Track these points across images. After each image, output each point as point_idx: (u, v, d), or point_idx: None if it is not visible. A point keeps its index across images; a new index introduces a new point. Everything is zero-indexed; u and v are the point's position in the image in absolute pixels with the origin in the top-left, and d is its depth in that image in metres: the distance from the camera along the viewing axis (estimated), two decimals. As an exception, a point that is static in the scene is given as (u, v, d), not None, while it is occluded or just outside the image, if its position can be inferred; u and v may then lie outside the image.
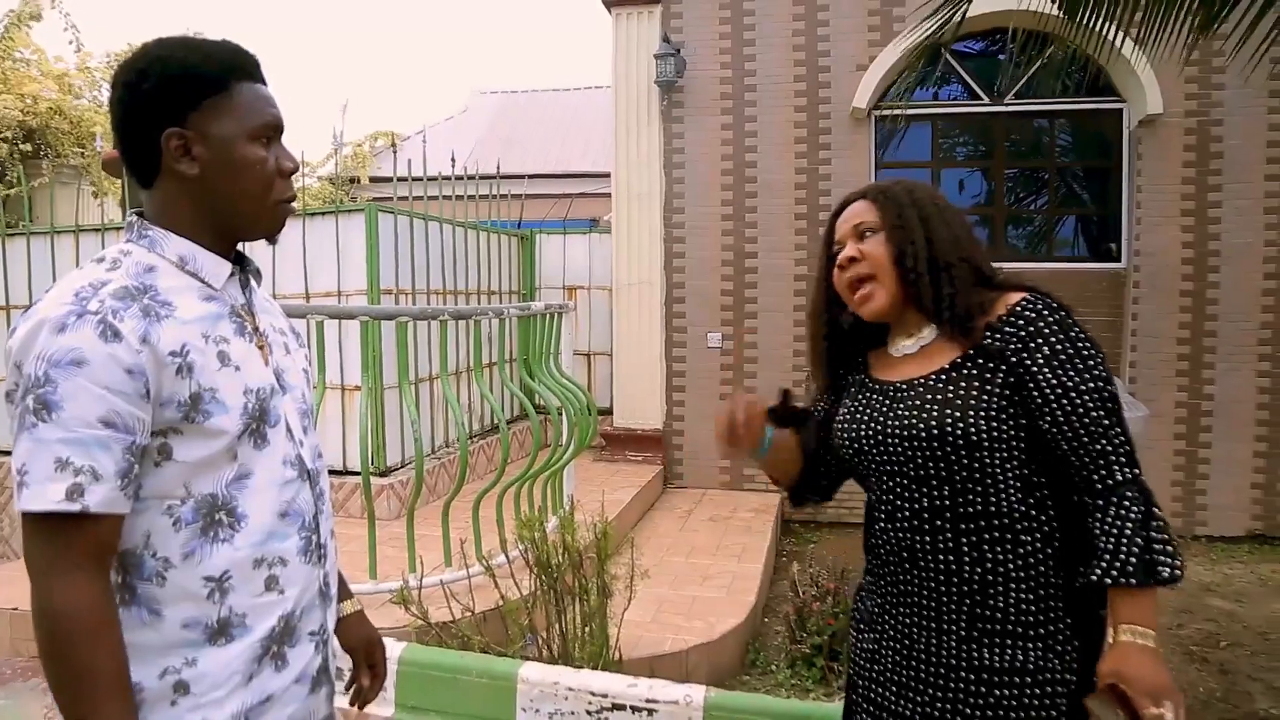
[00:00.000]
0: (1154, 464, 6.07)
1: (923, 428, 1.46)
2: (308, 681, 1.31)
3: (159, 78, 1.19)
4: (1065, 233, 6.86)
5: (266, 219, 1.28)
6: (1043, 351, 1.42)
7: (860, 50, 6.47)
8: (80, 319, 1.08)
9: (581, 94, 14.97)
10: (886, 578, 1.56)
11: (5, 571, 4.86)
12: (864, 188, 1.63)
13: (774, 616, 4.68)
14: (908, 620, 1.52)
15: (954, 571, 1.46)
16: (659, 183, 6.90)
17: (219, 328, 1.22)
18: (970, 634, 1.44)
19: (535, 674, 2.50)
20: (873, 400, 1.59)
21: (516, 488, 4.13)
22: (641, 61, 6.86)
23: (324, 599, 1.35)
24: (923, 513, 1.49)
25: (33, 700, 3.79)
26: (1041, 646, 1.42)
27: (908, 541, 1.51)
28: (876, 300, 1.55)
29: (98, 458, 1.07)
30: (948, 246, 1.51)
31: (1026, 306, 1.46)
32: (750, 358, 6.78)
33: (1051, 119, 6.72)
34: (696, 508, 6.35)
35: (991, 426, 1.42)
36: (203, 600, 1.17)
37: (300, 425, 1.33)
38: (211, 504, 1.18)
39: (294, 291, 5.37)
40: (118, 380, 1.08)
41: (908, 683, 1.51)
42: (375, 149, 12.99)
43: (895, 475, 1.52)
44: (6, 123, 9.27)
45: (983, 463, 1.43)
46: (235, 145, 1.22)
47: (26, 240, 6.08)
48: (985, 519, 1.44)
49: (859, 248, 1.56)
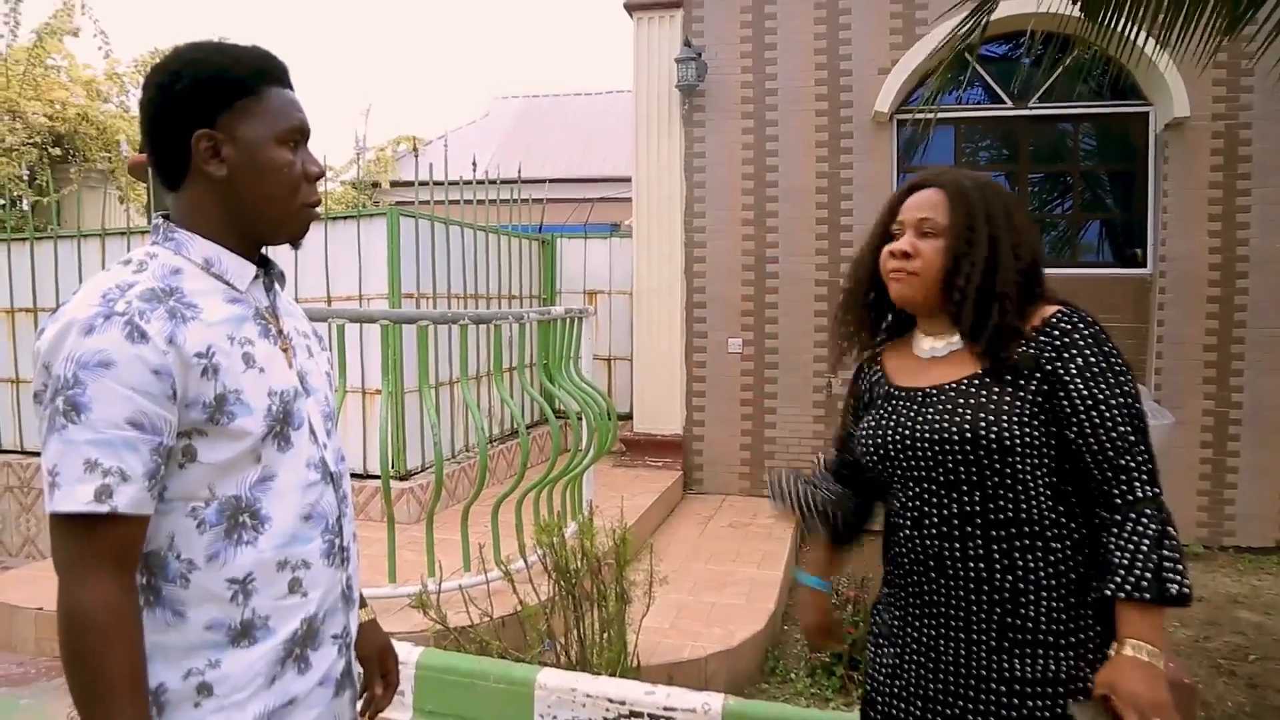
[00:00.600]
0: (1180, 473, 5.99)
1: (955, 431, 1.44)
2: (331, 684, 1.31)
3: (191, 79, 1.20)
4: (1089, 238, 6.79)
5: (292, 222, 1.29)
6: (1076, 362, 1.42)
7: (882, 54, 6.44)
8: (108, 320, 1.09)
9: (602, 98, 15.01)
10: (910, 588, 1.54)
11: (30, 571, 4.91)
12: (942, 174, 1.57)
13: (794, 624, 4.65)
14: (933, 631, 1.49)
15: (984, 579, 1.44)
16: (680, 187, 6.89)
17: (244, 330, 1.22)
18: (1001, 644, 1.42)
19: (553, 680, 2.50)
20: (899, 407, 1.57)
21: (536, 493, 4.13)
22: (662, 66, 6.85)
23: (346, 602, 1.35)
24: (952, 519, 1.47)
25: (56, 700, 3.82)
26: (1073, 655, 1.40)
27: (935, 549, 1.48)
28: (909, 289, 1.54)
29: (126, 459, 1.08)
30: (1007, 273, 1.48)
31: (1062, 319, 1.45)
32: (771, 363, 6.76)
33: (1075, 123, 6.66)
34: (716, 514, 6.33)
35: (1025, 432, 1.41)
36: (226, 602, 1.18)
37: (323, 428, 1.33)
38: (235, 506, 1.18)
39: (316, 295, 5.40)
40: (145, 381, 1.09)
41: (935, 696, 1.48)
42: (397, 153, 13.07)
43: (923, 480, 1.50)
44: (36, 128, 9.39)
45: (1015, 468, 1.42)
46: (263, 148, 1.23)
47: (54, 244, 6.16)
48: (1016, 525, 1.43)
49: (916, 244, 1.53)
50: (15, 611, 4.28)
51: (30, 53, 9.81)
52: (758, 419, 6.80)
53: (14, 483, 6.14)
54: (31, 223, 6.60)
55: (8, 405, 6.39)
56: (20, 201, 8.83)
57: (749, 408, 6.84)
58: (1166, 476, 1.45)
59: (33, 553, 6.08)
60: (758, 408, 6.81)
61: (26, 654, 4.23)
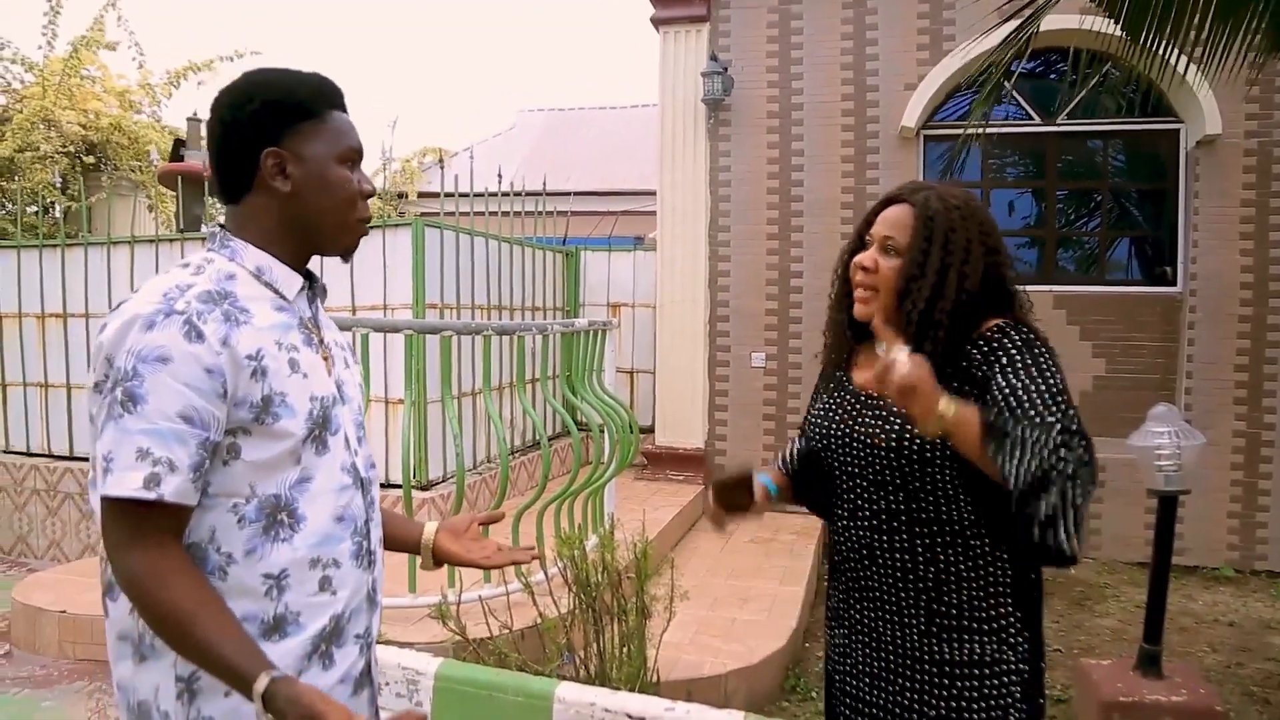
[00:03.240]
0: (1211, 495, 5.89)
1: (883, 438, 1.57)
2: (350, 683, 1.35)
3: (261, 102, 1.28)
4: (1119, 255, 6.71)
5: (347, 236, 1.37)
6: (1000, 362, 1.50)
7: (909, 69, 6.42)
8: (168, 318, 1.15)
9: (628, 112, 15.05)
10: (849, 573, 1.68)
11: (54, 575, 4.96)
12: (917, 191, 1.64)
13: (815, 641, 4.61)
14: (872, 615, 1.63)
15: (910, 570, 1.57)
16: (704, 200, 6.89)
17: (290, 336, 1.29)
18: (929, 629, 1.56)
19: (572, 694, 2.47)
20: (844, 401, 1.71)
21: (557, 504, 4.12)
22: (688, 80, 6.87)
23: (371, 603, 1.40)
24: (881, 514, 1.60)
25: (78, 702, 3.85)
26: (996, 640, 1.53)
27: (867, 540, 1.62)
28: (868, 308, 1.63)
29: (174, 450, 1.14)
30: (946, 302, 1.54)
31: (996, 331, 1.54)
32: (794, 378, 6.72)
33: (1105, 139, 6.59)
34: (738, 529, 6.28)
35: (948, 445, 1.47)
36: (260, 596, 1.23)
37: (356, 435, 1.40)
38: (274, 504, 1.24)
39: (341, 304, 5.43)
40: (197, 378, 1.15)
41: (879, 674, 1.62)
42: (423, 165, 13.16)
43: (856, 477, 1.64)
44: (70, 137, 9.55)
45: (934, 478, 1.54)
46: (326, 166, 1.31)
47: (84, 250, 6.24)
48: (938, 524, 1.55)
49: (877, 261, 1.63)
50: (40, 614, 4.32)
51: (66, 63, 9.98)
52: (780, 434, 6.76)
53: (41, 486, 6.20)
54: (63, 229, 6.69)
55: (37, 409, 6.47)
56: (53, 208, 8.97)
57: (771, 422, 6.80)
58: (1197, 498, 1.45)
59: (58, 555, 6.14)
60: (780, 422, 6.77)
61: (49, 656, 4.27)
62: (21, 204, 7.52)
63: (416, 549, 1.62)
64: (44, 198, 8.59)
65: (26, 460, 6.33)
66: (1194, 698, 3.28)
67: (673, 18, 6.89)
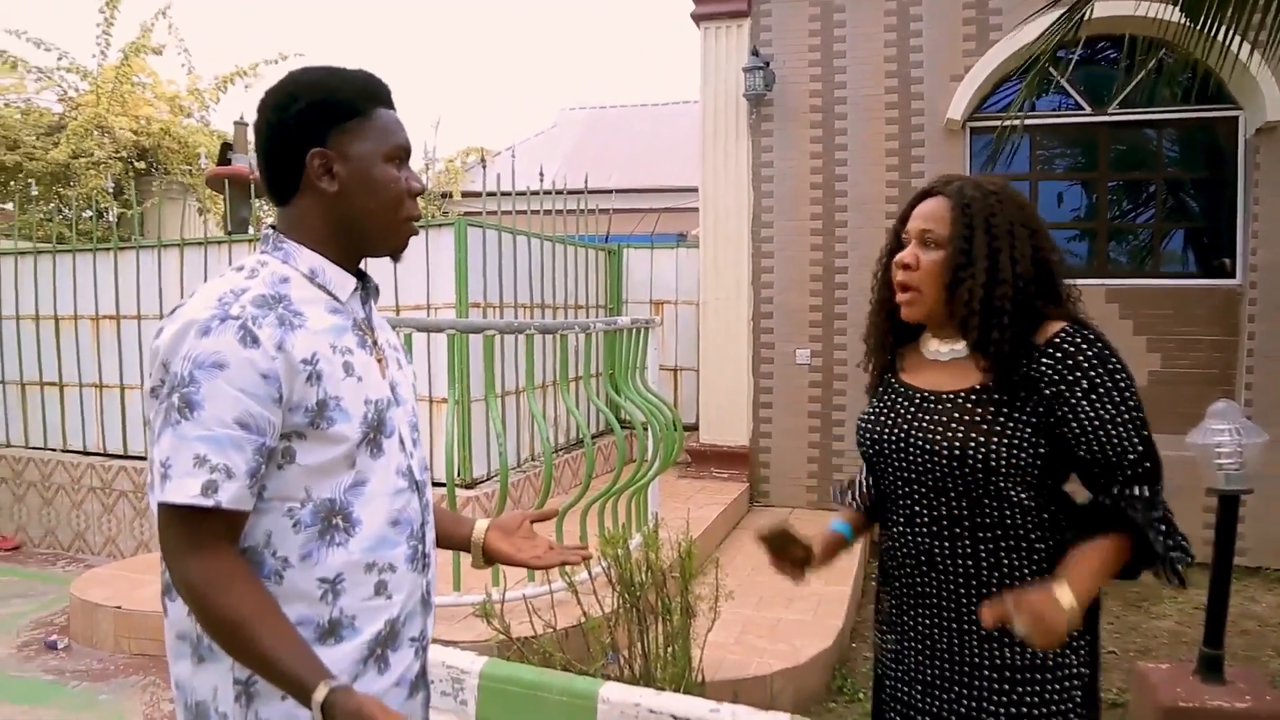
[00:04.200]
0: (1273, 494, 5.69)
1: (945, 446, 1.51)
2: (406, 686, 1.35)
3: (306, 102, 1.28)
4: (1173, 247, 6.53)
5: (395, 235, 1.35)
6: (1081, 385, 1.44)
7: (954, 60, 6.30)
8: (223, 324, 1.15)
9: (670, 109, 15.03)
10: (904, 580, 1.63)
11: (110, 570, 5.06)
12: (950, 182, 1.61)
13: (862, 641, 4.55)
14: (928, 621, 1.58)
15: (972, 576, 1.53)
16: (747, 196, 6.83)
17: (344, 339, 1.28)
18: (990, 634, 1.50)
19: (616, 694, 2.46)
20: (898, 404, 1.64)
21: (600, 503, 4.11)
22: (730, 75, 6.81)
23: (425, 606, 1.40)
24: (941, 520, 1.55)
25: (134, 696, 3.93)
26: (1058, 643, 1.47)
27: (926, 546, 1.57)
28: (915, 309, 1.61)
29: (231, 457, 1.14)
30: (1007, 285, 1.50)
31: (1065, 339, 1.47)
32: (840, 375, 6.65)
33: (1159, 128, 6.41)
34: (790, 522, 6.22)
35: (1013, 455, 1.46)
36: (316, 600, 1.23)
37: (410, 438, 1.38)
38: (329, 508, 1.23)
39: (385, 304, 5.47)
40: (253, 384, 1.15)
41: (934, 681, 1.58)
42: (467, 165, 13.25)
43: (914, 482, 1.58)
44: (123, 143, 9.76)
45: (998, 485, 1.49)
46: (372, 165, 1.30)
47: (136, 254, 6.36)
48: (1001, 529, 1.51)
49: (918, 256, 1.58)
50: (96, 609, 4.41)
51: (118, 70, 10.21)
52: (825, 431, 6.69)
53: (97, 484, 6.34)
54: (116, 234, 6.83)
55: (93, 409, 6.61)
56: (107, 213, 9.18)
57: (816, 420, 6.73)
58: (1259, 497, 1.44)
59: (114, 552, 6.27)
60: (825, 420, 6.70)
61: (106, 650, 4.36)
62: (77, 210, 7.71)
63: (466, 546, 1.59)
64: (98, 203, 8.79)
65: (83, 459, 6.48)
66: (1260, 704, 3.16)
67: (713, 13, 6.84)
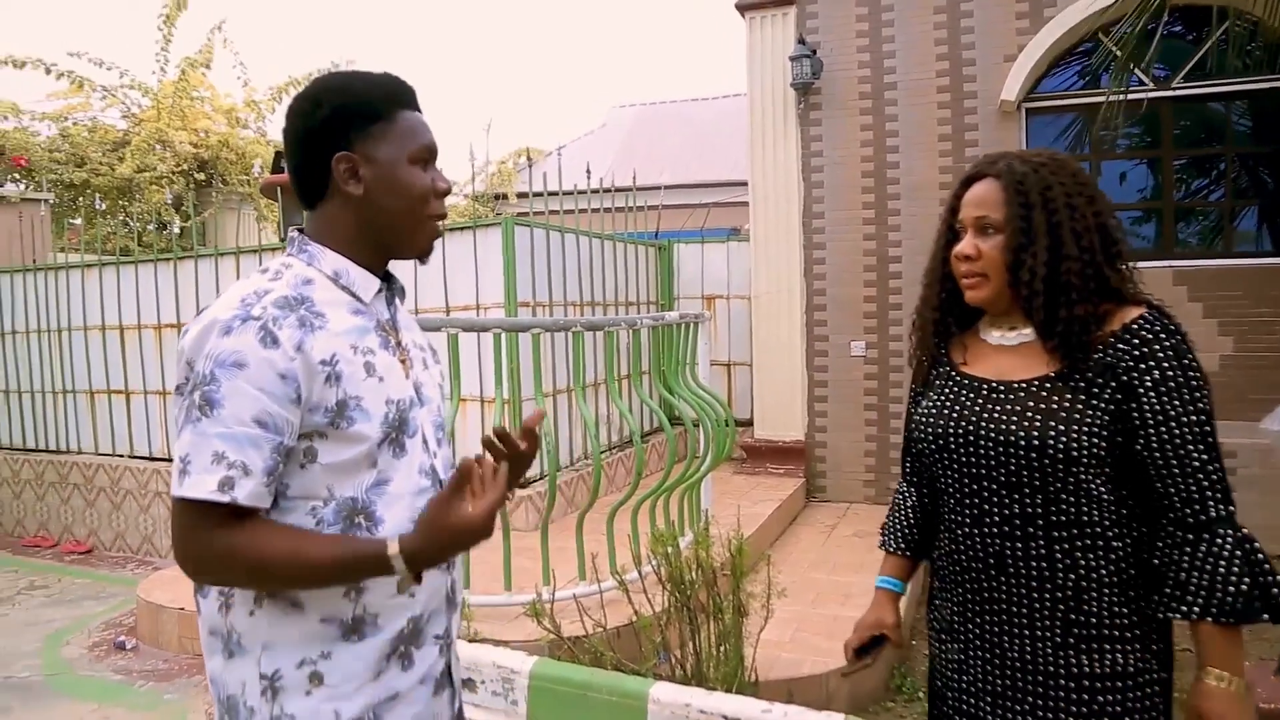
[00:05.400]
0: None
1: (1023, 437, 1.42)
2: (431, 683, 1.35)
3: (330, 108, 1.30)
4: (1245, 226, 6.26)
5: (422, 236, 1.37)
6: (1153, 374, 1.38)
7: (1008, 40, 6.13)
8: (244, 324, 1.18)
9: (718, 103, 14.94)
10: (969, 584, 1.53)
11: (174, 573, 5.17)
12: (996, 161, 1.52)
13: (922, 638, 4.43)
14: (996, 628, 1.49)
15: (1047, 578, 1.43)
16: (797, 187, 6.74)
17: (366, 340, 1.29)
18: (1066, 640, 1.42)
19: (667, 695, 2.42)
20: (962, 396, 1.54)
21: (652, 501, 4.08)
22: (776, 65, 6.72)
23: (450, 604, 1.40)
24: (1014, 519, 1.45)
25: (197, 695, 4.00)
26: (1139, 648, 1.41)
27: (996, 548, 1.47)
28: (983, 292, 1.52)
29: (249, 454, 1.16)
30: (1073, 260, 1.42)
31: (1144, 325, 1.40)
32: (895, 366, 6.51)
33: (1228, 101, 6.15)
34: (840, 522, 6.13)
35: (1092, 443, 1.38)
36: (340, 598, 1.24)
37: (435, 437, 1.39)
38: (352, 507, 1.25)
39: (434, 305, 5.51)
40: (272, 383, 1.17)
41: (1003, 691, 1.48)
42: (519, 166, 13.35)
43: (983, 479, 1.48)
44: (183, 156, 10.02)
45: (1078, 478, 1.40)
46: (397, 167, 1.31)
47: (194, 263, 6.51)
48: (1078, 527, 1.42)
49: (977, 245, 1.50)
50: (161, 610, 4.51)
51: (177, 86, 10.48)
52: (882, 424, 6.57)
53: (163, 489, 6.50)
54: (177, 244, 7.00)
55: (158, 416, 6.78)
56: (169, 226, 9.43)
57: (873, 412, 6.62)
58: None
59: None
60: (882, 413, 6.58)
61: (171, 651, 4.46)
62: (143, 223, 7.92)
63: None
64: (160, 215, 9.03)
65: (149, 465, 6.66)
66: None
67: (758, 3, 6.77)
